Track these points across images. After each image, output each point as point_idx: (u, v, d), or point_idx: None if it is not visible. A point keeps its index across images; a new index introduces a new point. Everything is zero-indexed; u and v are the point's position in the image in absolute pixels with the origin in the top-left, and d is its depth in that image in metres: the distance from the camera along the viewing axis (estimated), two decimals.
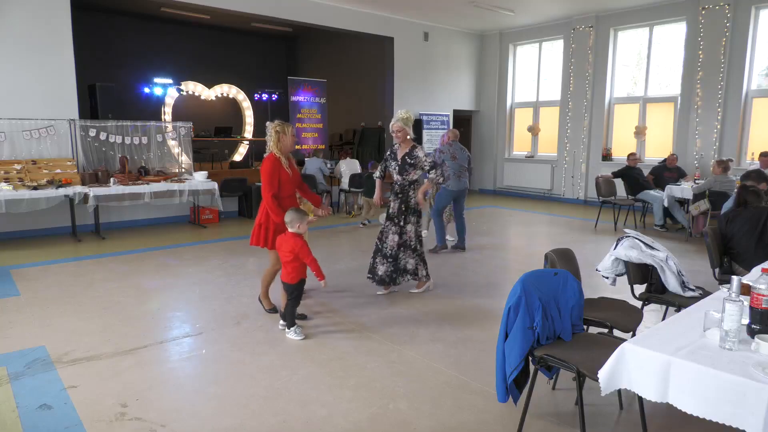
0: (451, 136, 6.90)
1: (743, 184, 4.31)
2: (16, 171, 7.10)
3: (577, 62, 11.32)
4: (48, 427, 2.72)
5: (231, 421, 2.79)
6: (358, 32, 11.07)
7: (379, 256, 4.89)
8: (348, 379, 3.28)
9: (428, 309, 4.62)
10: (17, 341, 3.83)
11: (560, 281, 2.67)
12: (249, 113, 13.38)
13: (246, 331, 4.08)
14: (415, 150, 4.75)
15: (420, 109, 12.16)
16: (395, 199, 4.84)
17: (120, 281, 5.39)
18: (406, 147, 4.77)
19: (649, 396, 1.94)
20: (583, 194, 11.50)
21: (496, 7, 10.43)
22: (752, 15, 8.96)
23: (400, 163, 4.76)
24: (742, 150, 9.38)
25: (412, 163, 4.73)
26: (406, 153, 4.75)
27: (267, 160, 4.16)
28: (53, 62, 7.53)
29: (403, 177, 4.76)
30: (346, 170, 9.63)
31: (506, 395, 2.56)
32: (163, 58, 13.67)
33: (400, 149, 4.83)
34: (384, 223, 4.96)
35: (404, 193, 4.80)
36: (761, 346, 1.91)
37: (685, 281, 3.33)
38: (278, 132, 4.18)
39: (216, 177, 8.71)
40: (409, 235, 4.88)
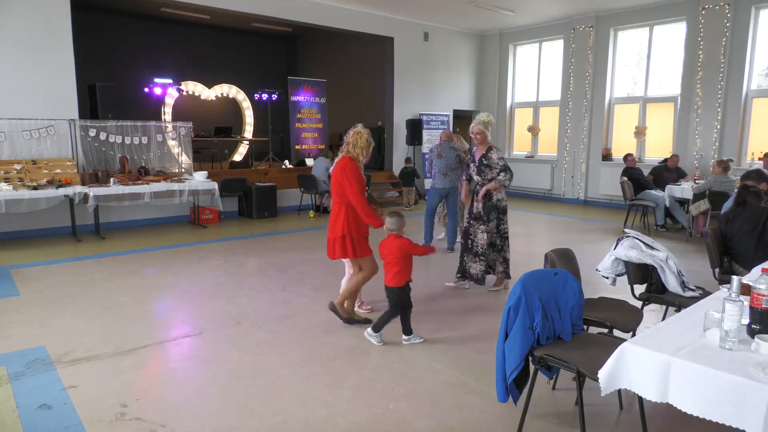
0: (443, 137, 6.99)
1: (743, 184, 4.31)
2: (16, 171, 7.10)
3: (577, 62, 11.32)
4: (48, 427, 2.72)
5: (231, 421, 2.79)
6: (358, 32, 11.07)
7: (470, 255, 5.04)
8: (348, 379, 3.28)
9: (428, 309, 4.61)
10: (17, 341, 3.83)
11: (560, 281, 2.67)
12: (249, 113, 13.38)
13: (246, 331, 4.08)
14: (490, 152, 4.90)
15: (420, 109, 12.16)
16: (476, 198, 5.01)
17: (120, 281, 5.39)
18: (483, 149, 4.95)
19: (649, 396, 1.94)
20: (583, 194, 11.50)
21: (496, 7, 10.43)
22: (752, 15, 8.96)
23: (478, 165, 4.94)
24: (742, 150, 9.38)
25: (487, 164, 4.90)
26: (483, 155, 4.93)
27: (350, 166, 3.88)
28: (53, 62, 7.53)
29: (482, 177, 4.92)
30: None
31: (506, 395, 2.56)
32: (163, 58, 13.67)
33: (478, 151, 5.01)
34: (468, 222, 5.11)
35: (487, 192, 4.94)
36: (761, 346, 1.91)
37: (685, 281, 3.33)
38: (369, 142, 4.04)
39: (216, 177, 8.72)
40: (496, 234, 5.05)
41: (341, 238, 3.92)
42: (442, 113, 12.57)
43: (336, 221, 3.94)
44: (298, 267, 6.03)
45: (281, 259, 6.40)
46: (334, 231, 3.95)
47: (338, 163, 3.95)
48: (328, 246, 4.07)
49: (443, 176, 6.68)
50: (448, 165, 6.67)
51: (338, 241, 3.94)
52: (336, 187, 3.95)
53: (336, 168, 3.96)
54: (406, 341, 3.84)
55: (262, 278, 5.57)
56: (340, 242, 3.93)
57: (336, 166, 3.97)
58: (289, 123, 11.94)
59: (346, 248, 3.94)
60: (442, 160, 6.67)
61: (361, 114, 14.07)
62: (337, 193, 3.95)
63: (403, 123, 11.91)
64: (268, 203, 9.38)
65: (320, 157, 10.10)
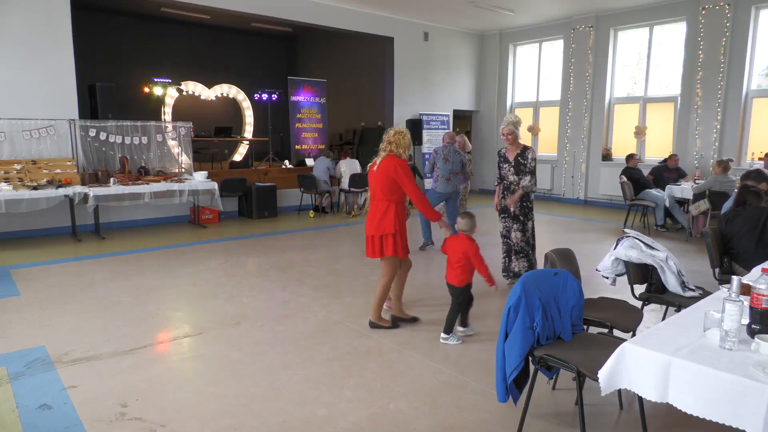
0: (447, 139, 6.99)
1: (744, 184, 4.31)
2: (16, 171, 7.10)
3: (577, 62, 11.32)
4: (48, 427, 2.72)
5: (231, 421, 2.79)
6: (358, 32, 11.07)
7: (513, 253, 5.19)
8: (348, 379, 3.28)
9: (428, 309, 4.61)
10: (17, 341, 3.83)
11: (560, 281, 2.67)
12: (249, 113, 13.37)
13: (246, 331, 4.08)
14: (527, 152, 4.98)
15: (420, 109, 12.16)
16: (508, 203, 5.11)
17: (120, 281, 5.39)
18: (517, 149, 5.01)
19: (649, 396, 1.93)
20: (583, 194, 11.50)
21: (496, 7, 10.43)
22: (752, 15, 8.96)
23: (514, 165, 5.01)
24: (742, 150, 9.38)
25: (524, 163, 4.98)
26: (519, 154, 5.00)
27: (403, 165, 3.86)
28: (53, 62, 7.53)
29: (520, 177, 5.01)
30: (346, 170, 9.63)
31: (506, 395, 2.56)
32: (163, 58, 13.66)
33: (510, 151, 5.07)
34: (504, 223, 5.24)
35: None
36: (761, 346, 1.91)
37: (685, 281, 3.33)
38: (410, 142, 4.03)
39: (216, 177, 8.72)
40: (530, 232, 5.18)
41: (392, 235, 3.87)
42: (442, 113, 12.57)
43: (384, 219, 3.87)
44: (298, 267, 6.03)
45: (281, 259, 6.40)
46: (382, 228, 3.87)
47: (387, 163, 3.89)
48: (370, 244, 3.96)
49: (446, 181, 6.65)
50: (452, 170, 6.69)
51: (388, 238, 3.87)
52: (385, 185, 3.87)
53: (386, 167, 3.88)
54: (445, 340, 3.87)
55: (262, 278, 5.57)
56: (391, 239, 3.87)
57: (386, 166, 3.89)
58: (289, 123, 11.94)
59: (397, 246, 3.89)
60: (448, 164, 6.64)
61: (361, 114, 14.08)
62: (384, 191, 3.88)
63: (403, 123, 11.90)
64: (268, 203, 9.38)
65: (321, 157, 10.10)
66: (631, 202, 8.40)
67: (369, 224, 3.96)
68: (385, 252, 3.89)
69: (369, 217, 3.98)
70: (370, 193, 4.02)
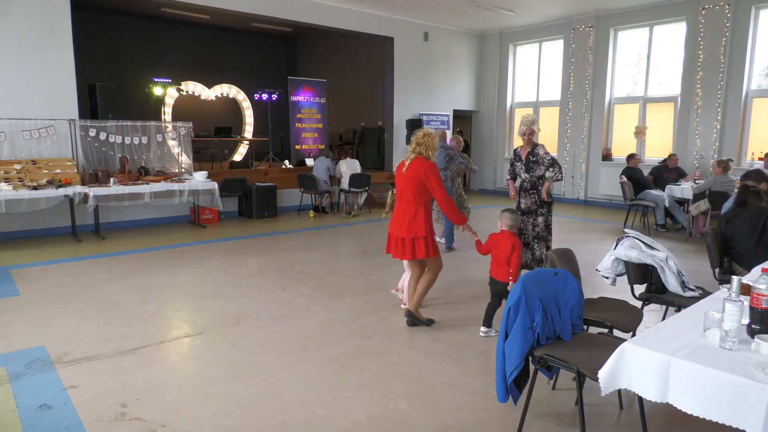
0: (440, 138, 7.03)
1: (744, 184, 4.30)
2: (16, 171, 7.10)
3: (577, 62, 11.32)
4: (48, 427, 2.72)
5: (231, 421, 2.79)
6: (358, 32, 11.07)
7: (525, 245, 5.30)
8: (348, 379, 3.28)
9: (428, 309, 4.61)
10: (17, 341, 3.83)
11: (560, 281, 2.67)
12: (249, 113, 13.37)
13: (246, 331, 4.08)
14: (536, 148, 5.13)
15: (420, 109, 12.16)
16: (526, 195, 5.23)
17: (120, 281, 5.39)
18: (528, 147, 5.19)
19: (649, 396, 1.93)
20: (583, 194, 11.50)
21: (496, 7, 10.43)
22: (752, 15, 8.96)
23: (525, 162, 5.16)
24: (742, 150, 9.38)
25: (535, 161, 5.14)
26: (529, 152, 5.16)
27: (433, 168, 3.91)
28: (53, 62, 7.53)
29: (531, 174, 5.16)
30: (347, 170, 9.63)
31: (506, 395, 2.56)
32: (163, 58, 13.67)
33: (523, 150, 5.24)
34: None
35: (535, 188, 5.18)
36: (761, 346, 1.91)
37: (685, 281, 3.33)
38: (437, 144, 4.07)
39: (216, 177, 8.71)
40: (541, 226, 5.26)
41: (424, 238, 3.92)
42: (442, 113, 12.57)
43: (414, 221, 3.91)
44: (298, 267, 6.03)
45: (281, 259, 6.40)
46: (413, 231, 3.91)
47: (417, 165, 3.91)
48: (400, 246, 4.00)
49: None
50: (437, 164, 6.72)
51: (420, 241, 3.92)
52: (415, 188, 3.91)
53: (417, 170, 3.90)
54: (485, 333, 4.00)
55: (262, 278, 5.57)
56: (422, 242, 3.92)
57: (416, 168, 3.91)
58: (289, 123, 11.94)
59: (428, 247, 3.95)
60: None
61: (361, 114, 14.09)
62: (414, 194, 3.91)
63: (403, 123, 11.91)
64: (268, 203, 9.38)
65: (321, 157, 10.09)
66: (631, 202, 8.40)
67: (398, 226, 3.98)
68: (418, 255, 3.95)
69: (396, 219, 4.01)
70: (398, 194, 4.06)
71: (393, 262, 6.29)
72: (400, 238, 3.97)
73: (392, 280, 5.54)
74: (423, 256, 3.95)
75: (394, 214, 4.06)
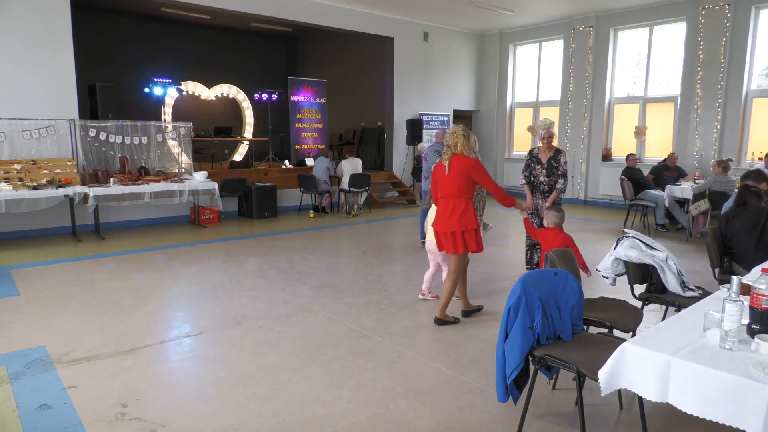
0: (436, 137, 7.13)
1: (744, 184, 4.30)
2: (16, 171, 7.10)
3: (577, 62, 11.31)
4: (48, 427, 2.72)
5: (231, 421, 2.79)
6: (358, 32, 11.07)
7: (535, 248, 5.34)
8: (348, 379, 3.28)
9: (428, 309, 4.61)
10: (17, 341, 3.83)
11: (560, 281, 2.67)
12: (249, 113, 13.37)
13: (246, 331, 4.08)
14: (559, 155, 5.21)
15: (420, 109, 12.16)
16: (543, 197, 5.30)
17: (120, 281, 5.39)
18: (549, 151, 5.25)
19: (649, 396, 1.93)
20: (583, 194, 11.50)
21: (496, 7, 10.43)
22: (752, 15, 8.96)
23: (547, 167, 5.23)
24: (742, 150, 9.38)
25: (556, 166, 5.22)
26: (551, 157, 5.22)
27: (475, 162, 4.07)
28: (53, 62, 7.53)
29: (550, 179, 5.24)
30: (349, 169, 9.61)
31: (506, 395, 2.56)
32: (163, 58, 13.66)
33: (543, 153, 5.28)
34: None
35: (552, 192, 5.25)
36: (761, 346, 1.91)
37: (685, 281, 3.33)
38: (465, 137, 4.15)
39: (216, 177, 8.71)
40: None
41: (474, 230, 4.09)
42: (442, 113, 12.57)
43: (464, 216, 4.05)
44: (298, 267, 6.03)
45: (281, 259, 6.40)
46: (463, 224, 4.04)
47: (460, 163, 4.06)
48: (450, 239, 4.09)
49: (425, 179, 6.86)
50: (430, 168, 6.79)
51: (471, 234, 4.08)
52: (463, 183, 4.06)
53: (462, 167, 4.05)
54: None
55: (262, 278, 5.57)
56: (474, 235, 4.09)
57: (460, 166, 4.06)
58: (289, 123, 11.94)
59: (478, 241, 4.13)
60: (426, 163, 6.84)
61: (361, 114, 14.09)
62: (462, 189, 4.06)
63: (403, 123, 11.91)
64: (268, 203, 9.38)
65: (321, 157, 10.09)
66: (631, 202, 8.40)
67: (446, 221, 4.09)
68: (469, 247, 4.10)
69: (442, 214, 4.13)
70: (441, 192, 4.17)
71: (393, 262, 6.29)
72: (450, 231, 4.07)
73: (392, 280, 5.55)
74: (474, 248, 4.12)
75: (440, 210, 4.18)
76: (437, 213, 4.21)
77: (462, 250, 4.09)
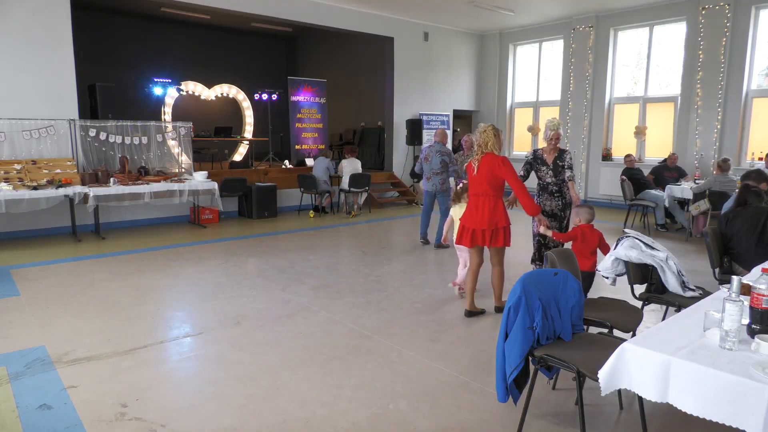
0: (435, 138, 7.13)
1: (745, 184, 4.30)
2: (16, 171, 7.10)
3: (577, 62, 11.31)
4: (48, 427, 2.72)
5: (231, 421, 2.79)
6: (358, 32, 11.07)
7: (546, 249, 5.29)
8: (348, 379, 3.28)
9: (428, 309, 4.62)
10: (17, 341, 3.83)
11: (560, 281, 2.67)
12: (249, 113, 13.37)
13: (246, 331, 4.08)
14: (564, 155, 5.21)
15: (420, 109, 12.16)
16: (552, 198, 5.26)
17: (120, 281, 5.39)
18: (554, 152, 5.24)
19: (649, 396, 1.93)
20: (583, 194, 11.50)
21: (496, 7, 10.43)
22: (752, 15, 8.96)
23: (553, 167, 5.22)
24: (742, 150, 9.38)
25: (562, 165, 5.22)
26: (557, 157, 5.22)
27: (504, 161, 4.16)
28: (53, 62, 7.53)
29: (558, 178, 5.23)
30: (348, 169, 9.61)
31: (506, 395, 2.56)
32: (163, 58, 13.66)
33: (548, 155, 5.26)
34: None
35: (561, 192, 5.24)
36: (761, 346, 1.91)
37: (685, 281, 3.33)
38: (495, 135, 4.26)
39: (216, 177, 8.71)
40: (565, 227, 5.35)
41: (507, 227, 4.24)
42: (442, 113, 12.57)
43: (495, 213, 4.19)
44: (298, 267, 6.03)
45: (281, 259, 6.40)
46: (495, 221, 4.18)
47: (490, 161, 4.16)
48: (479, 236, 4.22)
49: (427, 179, 6.96)
50: (432, 169, 6.92)
51: (505, 230, 4.23)
52: (493, 181, 4.17)
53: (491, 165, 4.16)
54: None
55: (262, 278, 5.57)
56: (505, 232, 4.23)
57: (490, 164, 4.16)
58: (289, 123, 11.94)
59: (508, 236, 4.26)
60: (428, 164, 6.90)
61: (361, 114, 14.09)
62: (493, 186, 4.18)
63: (403, 123, 11.91)
64: (268, 203, 9.38)
65: (320, 157, 10.08)
66: (631, 202, 8.40)
67: (477, 218, 4.22)
68: (501, 243, 4.24)
69: (473, 211, 4.24)
70: (471, 190, 4.32)
71: (393, 262, 6.29)
72: (480, 229, 4.20)
73: (392, 280, 5.55)
74: (501, 244, 4.23)
75: (471, 207, 4.30)
76: (467, 209, 4.34)
77: (490, 244, 4.23)
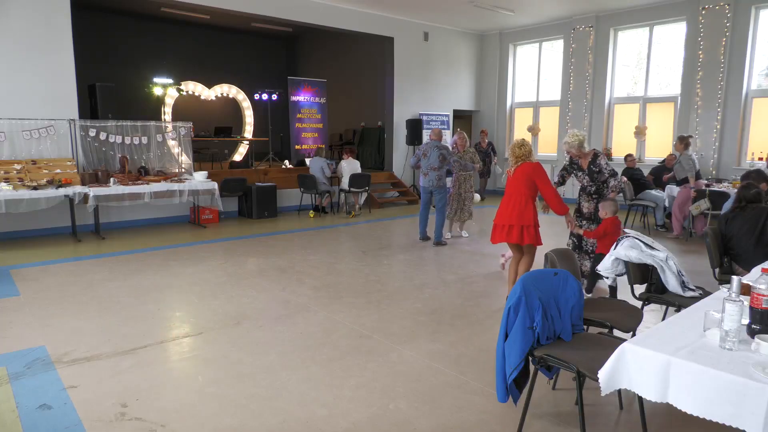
0: (432, 136, 7.20)
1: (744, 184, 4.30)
2: (16, 171, 7.09)
3: (577, 62, 11.32)
4: (48, 427, 2.72)
5: (231, 421, 2.79)
6: (358, 32, 11.08)
7: (582, 253, 5.33)
8: (348, 379, 3.28)
9: (428, 309, 4.62)
10: (17, 341, 3.83)
11: (560, 281, 2.67)
12: (249, 113, 13.37)
13: (246, 331, 4.08)
14: (597, 159, 5.35)
15: (420, 109, 12.16)
16: (589, 199, 5.37)
17: (120, 281, 5.39)
18: (588, 157, 5.40)
19: (649, 396, 1.93)
20: None
21: (496, 7, 10.43)
22: (752, 15, 8.96)
23: (588, 173, 5.37)
24: (742, 150, 9.38)
25: (597, 171, 5.33)
26: (590, 162, 5.37)
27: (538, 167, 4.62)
28: (53, 62, 7.53)
29: (595, 182, 5.35)
30: (347, 169, 9.61)
31: (506, 395, 2.56)
32: (163, 58, 13.66)
33: (583, 159, 5.43)
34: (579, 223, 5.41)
35: (599, 193, 5.34)
36: (761, 346, 1.91)
37: (685, 281, 3.32)
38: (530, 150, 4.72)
39: (216, 177, 8.71)
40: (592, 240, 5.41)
41: (535, 226, 4.58)
42: (442, 113, 12.57)
43: (524, 212, 4.55)
44: (298, 267, 6.03)
45: (281, 259, 6.40)
46: (522, 220, 4.53)
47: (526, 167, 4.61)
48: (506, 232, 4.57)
49: (424, 175, 7.05)
50: (430, 165, 6.99)
51: (532, 229, 4.56)
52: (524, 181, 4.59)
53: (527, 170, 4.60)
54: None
55: (262, 278, 5.57)
56: (535, 230, 4.59)
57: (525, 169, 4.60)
58: (289, 123, 11.94)
59: (533, 236, 4.56)
60: (426, 159, 6.99)
61: (361, 114, 14.09)
62: (528, 188, 4.58)
63: (403, 123, 11.91)
64: (268, 203, 9.38)
65: (315, 157, 10.06)
66: (631, 202, 8.40)
67: (507, 215, 4.59)
68: (527, 240, 4.54)
69: (505, 209, 4.63)
70: (506, 191, 4.73)
71: (393, 262, 6.29)
72: (508, 225, 4.56)
73: (392, 280, 5.55)
74: (529, 242, 4.55)
75: (504, 205, 4.66)
76: (500, 208, 4.71)
77: (516, 241, 4.54)
